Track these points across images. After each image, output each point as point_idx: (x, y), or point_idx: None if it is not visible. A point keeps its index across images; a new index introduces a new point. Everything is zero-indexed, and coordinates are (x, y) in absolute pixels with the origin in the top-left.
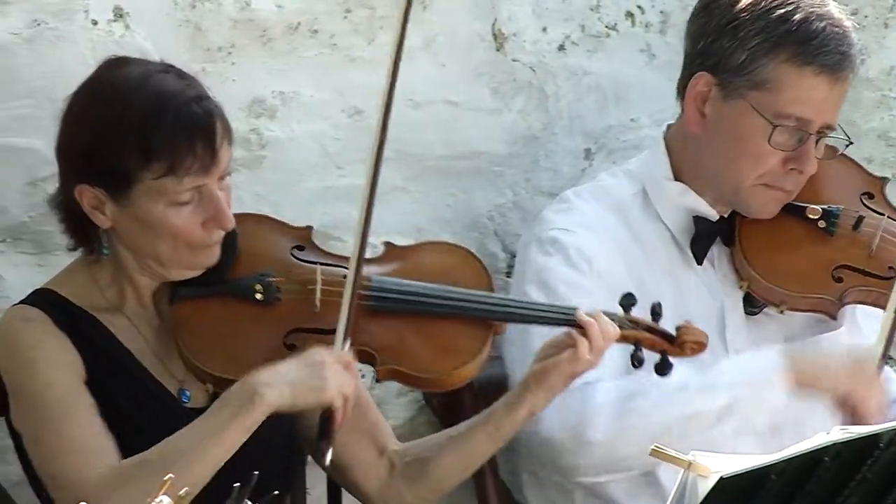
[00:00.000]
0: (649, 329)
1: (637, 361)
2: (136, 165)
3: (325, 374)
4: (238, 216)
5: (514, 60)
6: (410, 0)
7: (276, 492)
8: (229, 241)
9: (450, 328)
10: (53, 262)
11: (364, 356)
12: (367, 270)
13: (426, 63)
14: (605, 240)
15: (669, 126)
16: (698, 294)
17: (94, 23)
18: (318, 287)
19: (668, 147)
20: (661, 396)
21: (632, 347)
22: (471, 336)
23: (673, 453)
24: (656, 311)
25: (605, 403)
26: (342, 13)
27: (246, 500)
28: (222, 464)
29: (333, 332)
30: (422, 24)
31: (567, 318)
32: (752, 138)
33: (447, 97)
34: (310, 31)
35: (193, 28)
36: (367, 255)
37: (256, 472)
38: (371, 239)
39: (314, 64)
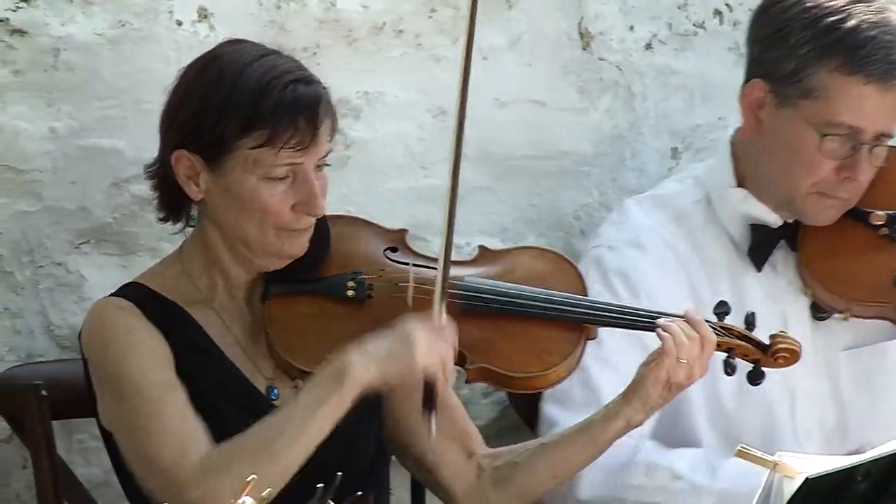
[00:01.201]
0: (743, 338)
1: (729, 369)
2: (237, 132)
3: (414, 343)
4: (332, 217)
5: (600, 59)
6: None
7: (360, 492)
8: (322, 239)
9: (542, 330)
10: (137, 263)
11: (455, 356)
12: (460, 272)
13: (512, 62)
14: (655, 255)
15: (738, 130)
16: (759, 299)
17: (179, 23)
18: (411, 286)
19: (733, 151)
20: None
21: (724, 355)
22: (562, 338)
23: (758, 454)
24: (750, 321)
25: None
26: (427, 13)
27: (329, 501)
28: (315, 446)
29: None
30: (507, 23)
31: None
32: (803, 147)
33: (533, 96)
34: (395, 31)
35: (278, 28)
36: (460, 258)
37: (340, 473)
38: (457, 240)
39: (399, 64)
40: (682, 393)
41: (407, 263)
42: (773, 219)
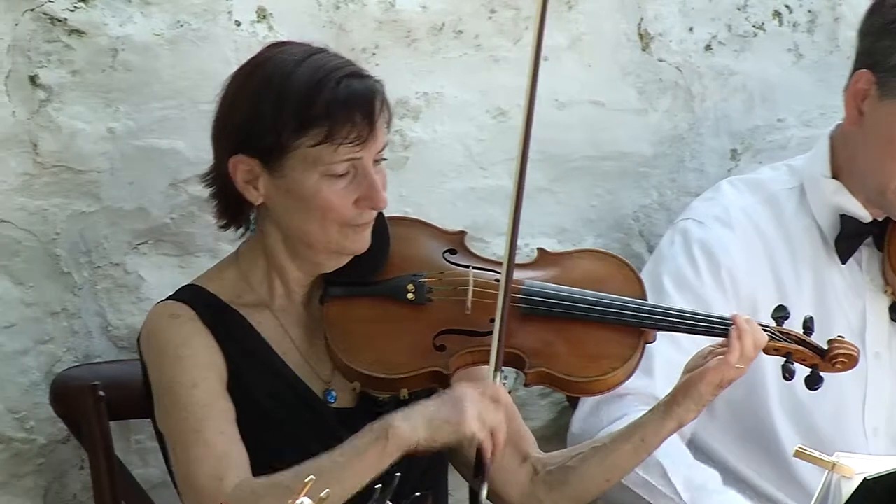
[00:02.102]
0: (801, 342)
1: (788, 374)
2: (294, 132)
3: (464, 408)
4: (392, 219)
5: (660, 60)
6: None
7: (418, 493)
8: (381, 241)
9: (601, 334)
10: (195, 263)
11: (513, 359)
12: (520, 275)
13: (572, 63)
14: (742, 234)
15: (839, 125)
16: (841, 292)
17: (238, 24)
18: (470, 289)
19: (831, 145)
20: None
21: (783, 360)
22: (621, 343)
23: (816, 454)
24: (808, 326)
25: None
26: (487, 13)
27: (387, 502)
28: (356, 490)
29: (483, 334)
30: (567, 24)
31: (722, 329)
32: None
33: (593, 97)
34: (454, 32)
35: (338, 29)
36: (520, 260)
37: (398, 474)
38: (517, 240)
39: (458, 64)
40: (759, 382)
41: (467, 266)
42: (864, 213)
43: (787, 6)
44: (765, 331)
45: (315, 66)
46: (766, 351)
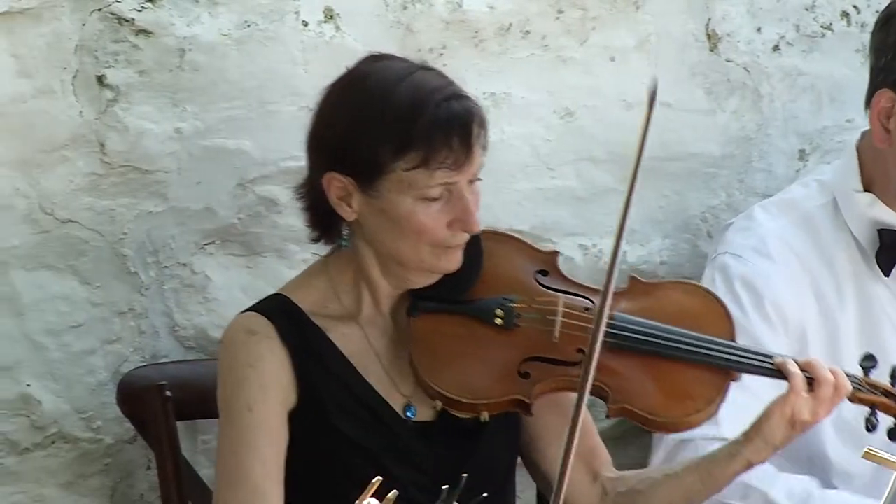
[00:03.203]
0: (888, 394)
1: (871, 426)
2: (391, 155)
3: None
4: (486, 233)
5: (727, 61)
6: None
7: (485, 494)
8: (474, 259)
9: (688, 373)
10: (262, 264)
11: (597, 391)
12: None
13: (639, 63)
14: (781, 262)
15: (864, 133)
16: (887, 303)
17: (305, 24)
18: (559, 318)
19: (860, 157)
20: None
21: (867, 410)
22: (708, 383)
23: (885, 456)
24: None
25: None
26: (554, 14)
27: (454, 503)
28: None
29: (568, 364)
30: (635, 25)
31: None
32: None
33: (660, 98)
34: (521, 32)
35: (405, 29)
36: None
37: (465, 475)
38: (584, 241)
39: (526, 65)
40: None
41: (558, 291)
42: None
43: (855, 6)
44: (852, 381)
45: (415, 86)
46: (851, 400)
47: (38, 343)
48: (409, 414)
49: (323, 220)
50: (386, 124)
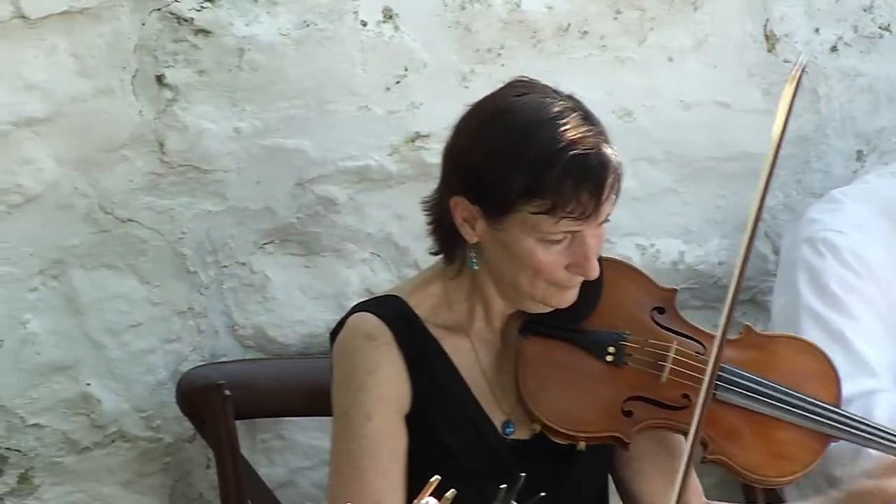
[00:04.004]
0: None
1: None
2: (519, 197)
3: None
4: (605, 261)
5: (785, 61)
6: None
7: (543, 493)
8: (593, 289)
9: (789, 435)
10: (321, 263)
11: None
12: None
13: (697, 64)
14: (875, 243)
15: None
16: None
17: (364, 24)
18: (670, 362)
19: None
20: None
21: None
22: (807, 447)
23: None
24: None
25: None
26: (612, 14)
27: (512, 502)
28: None
29: (672, 408)
30: (693, 25)
31: None
32: None
33: (718, 98)
34: (580, 33)
35: (463, 29)
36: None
37: (523, 474)
38: (642, 241)
39: (584, 65)
40: None
41: (672, 331)
42: None
43: None
44: None
45: (555, 132)
46: None
47: (97, 342)
48: (507, 431)
49: (445, 237)
50: (520, 167)
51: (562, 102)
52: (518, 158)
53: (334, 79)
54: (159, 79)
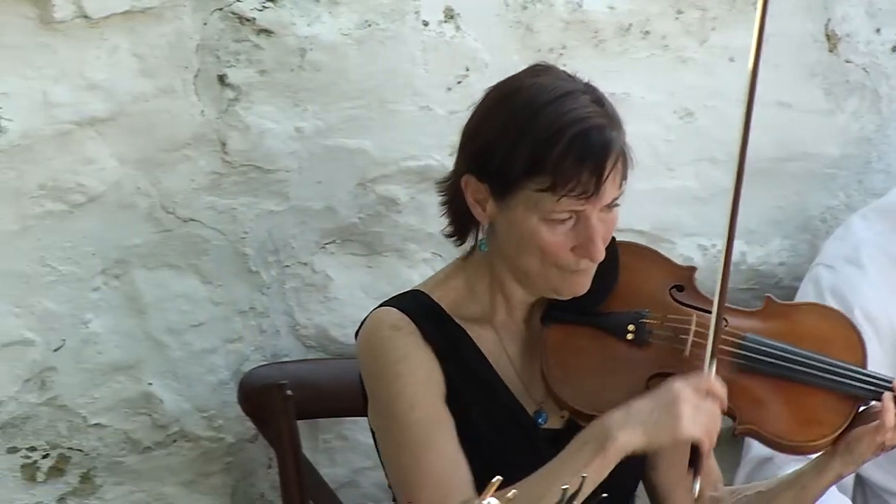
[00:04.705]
0: None
1: None
2: (522, 174)
3: (680, 411)
4: (623, 245)
5: (846, 62)
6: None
7: (605, 494)
8: (610, 271)
9: (817, 399)
10: (382, 263)
11: (728, 411)
12: (743, 323)
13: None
14: (874, 271)
15: None
16: None
17: (425, 23)
18: (691, 335)
19: None
20: None
21: None
22: (836, 410)
23: None
24: None
25: None
26: (674, 14)
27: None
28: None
29: None
30: (754, 25)
31: None
32: None
33: (779, 98)
34: (641, 33)
35: (524, 29)
36: (744, 307)
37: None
38: (703, 241)
39: (645, 65)
40: None
41: (692, 307)
42: None
43: None
44: None
45: (562, 109)
46: None
47: (159, 342)
48: (539, 420)
49: (459, 218)
50: (524, 143)
51: (574, 85)
52: (523, 135)
53: (396, 79)
54: (221, 78)
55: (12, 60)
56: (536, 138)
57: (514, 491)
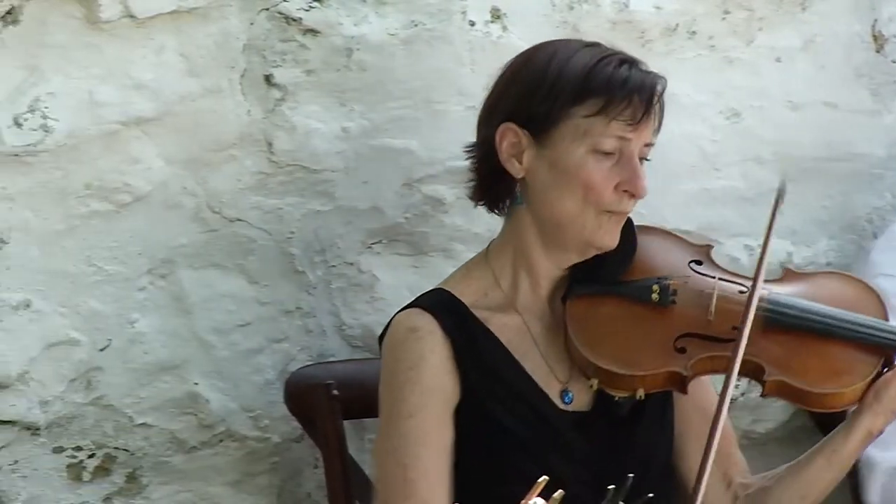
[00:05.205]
0: None
1: None
2: (571, 100)
3: None
4: (640, 227)
5: (893, 62)
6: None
7: (651, 495)
8: (628, 243)
9: (842, 350)
10: (429, 263)
11: (753, 368)
12: (767, 287)
13: (805, 64)
14: None
15: None
16: None
17: (472, 24)
18: (715, 295)
19: None
20: None
21: None
22: (862, 360)
23: None
24: None
25: None
26: (720, 14)
27: (620, 502)
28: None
29: (724, 341)
30: (801, 25)
31: None
32: None
33: (826, 98)
34: (688, 33)
35: (571, 29)
36: (766, 276)
37: (631, 475)
38: (749, 241)
39: (692, 65)
40: None
41: (713, 276)
42: None
43: None
44: None
45: (597, 51)
46: None
47: (205, 342)
48: (566, 400)
49: (489, 182)
50: (569, 74)
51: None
52: (564, 72)
53: (442, 79)
54: (268, 78)
55: (59, 60)
56: (585, 66)
57: (560, 491)
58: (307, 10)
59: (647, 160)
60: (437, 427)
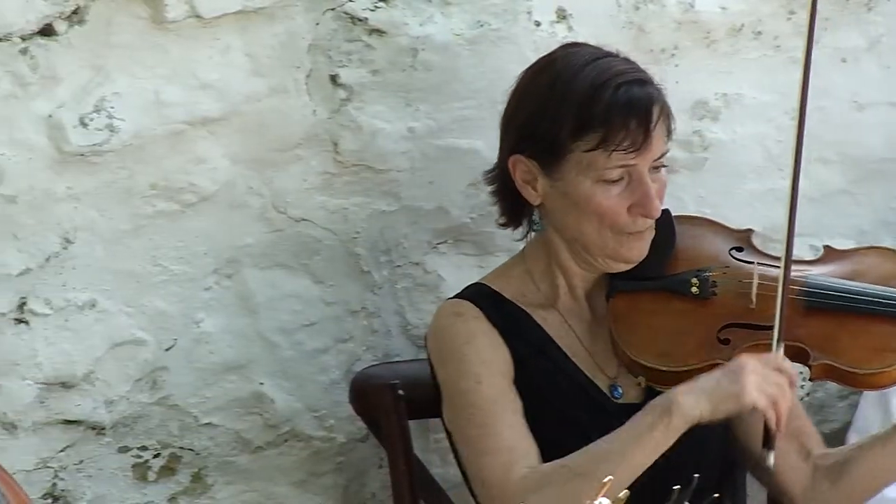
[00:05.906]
0: None
1: None
2: (570, 135)
3: (744, 380)
4: (679, 217)
5: None
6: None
7: (717, 495)
8: (667, 237)
9: (885, 328)
10: (494, 263)
11: (798, 353)
12: (805, 269)
13: (870, 64)
14: None
15: None
16: None
17: (537, 24)
18: (755, 283)
19: None
20: None
21: None
22: None
23: None
24: None
25: None
26: (786, 15)
27: (686, 503)
28: (643, 469)
29: (768, 328)
30: (866, 26)
31: None
32: None
33: (891, 99)
34: (753, 33)
35: (637, 29)
36: (805, 257)
37: (697, 476)
38: (815, 241)
39: (757, 65)
40: None
41: (752, 262)
42: None
43: None
44: None
45: (599, 70)
46: None
47: (271, 342)
48: (615, 394)
49: (510, 204)
50: (567, 106)
51: (606, 52)
52: (566, 99)
53: (508, 79)
54: (333, 78)
55: (124, 60)
56: (580, 97)
57: (625, 491)
58: (373, 11)
59: (664, 167)
60: (507, 390)
